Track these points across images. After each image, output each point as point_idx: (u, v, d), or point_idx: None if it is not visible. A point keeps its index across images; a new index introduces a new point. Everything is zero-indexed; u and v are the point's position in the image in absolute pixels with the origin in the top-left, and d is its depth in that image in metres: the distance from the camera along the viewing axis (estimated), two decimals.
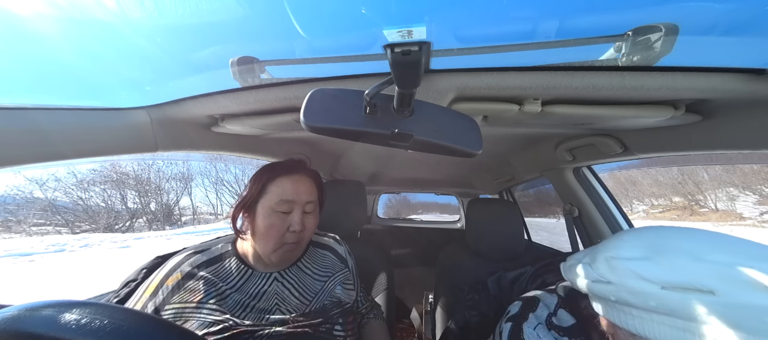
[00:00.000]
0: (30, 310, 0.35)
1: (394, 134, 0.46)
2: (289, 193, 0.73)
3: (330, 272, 0.84)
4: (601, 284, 0.50)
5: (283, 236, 0.72)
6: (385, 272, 1.20)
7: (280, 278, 0.77)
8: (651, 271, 0.45)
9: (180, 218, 13.53)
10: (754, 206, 12.55)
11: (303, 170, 0.80)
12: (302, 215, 0.75)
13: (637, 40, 0.51)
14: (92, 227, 10.82)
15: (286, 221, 0.72)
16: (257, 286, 0.73)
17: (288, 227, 0.72)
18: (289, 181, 0.75)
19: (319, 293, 0.79)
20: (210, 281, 0.70)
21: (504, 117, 0.79)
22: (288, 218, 0.73)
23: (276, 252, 0.73)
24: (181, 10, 0.50)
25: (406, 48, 0.35)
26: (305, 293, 0.77)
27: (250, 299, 0.71)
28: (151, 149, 0.83)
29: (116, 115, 0.74)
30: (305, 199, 0.75)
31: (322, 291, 0.80)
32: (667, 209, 14.98)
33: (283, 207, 0.72)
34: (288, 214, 0.73)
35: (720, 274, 0.40)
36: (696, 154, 0.85)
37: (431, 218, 4.40)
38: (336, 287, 0.82)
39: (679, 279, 0.42)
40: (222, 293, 0.69)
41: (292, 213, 0.73)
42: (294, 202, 0.73)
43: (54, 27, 0.53)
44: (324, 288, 0.80)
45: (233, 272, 0.74)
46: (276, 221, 0.72)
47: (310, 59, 0.62)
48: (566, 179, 1.33)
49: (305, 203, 0.75)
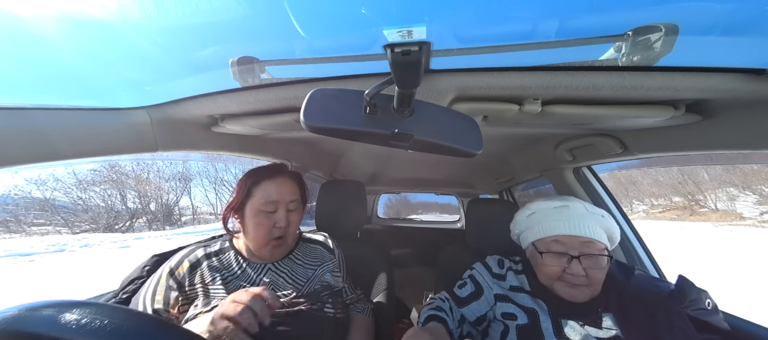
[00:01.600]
0: (30, 310, 0.35)
1: (394, 134, 0.46)
2: (273, 194, 0.81)
3: (320, 261, 0.93)
4: (514, 231, 0.99)
5: (270, 232, 0.81)
6: (385, 272, 1.20)
7: (273, 268, 0.85)
8: (520, 216, 0.95)
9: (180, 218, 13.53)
10: (754, 206, 12.55)
11: (284, 172, 0.88)
12: (286, 212, 0.83)
13: (637, 40, 0.51)
14: (92, 227, 10.82)
15: (272, 219, 0.81)
16: (253, 275, 0.82)
17: (274, 224, 0.81)
18: (273, 184, 0.83)
19: (310, 279, 0.87)
20: (215, 268, 0.80)
21: (504, 117, 0.79)
22: (274, 216, 0.82)
23: (266, 247, 0.82)
24: (181, 10, 0.50)
25: (406, 48, 0.35)
26: (297, 280, 0.86)
27: (249, 286, 0.79)
28: (151, 149, 0.83)
29: (116, 115, 0.74)
30: (288, 198, 0.84)
31: (312, 277, 0.88)
32: (667, 208, 14.99)
33: (268, 207, 0.81)
34: (273, 213, 0.82)
35: (536, 204, 0.91)
36: (696, 154, 0.85)
37: (431, 218, 4.41)
38: (325, 274, 0.91)
39: (523, 212, 0.94)
40: (225, 279, 0.79)
41: (277, 212, 0.82)
42: (278, 202, 0.82)
43: (54, 27, 0.53)
44: (315, 275, 0.89)
45: (233, 263, 0.83)
46: (263, 220, 0.80)
47: (310, 59, 0.62)
48: (566, 179, 1.33)
49: (288, 202, 0.84)
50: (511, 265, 0.95)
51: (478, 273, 0.95)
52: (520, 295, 0.85)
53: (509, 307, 0.84)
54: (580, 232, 0.79)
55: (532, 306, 0.81)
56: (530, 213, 0.90)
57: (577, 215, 0.81)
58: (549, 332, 0.76)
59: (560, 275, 0.79)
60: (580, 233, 0.79)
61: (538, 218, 0.87)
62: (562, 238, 0.80)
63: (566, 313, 0.79)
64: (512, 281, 0.90)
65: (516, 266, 0.95)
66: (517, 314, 0.82)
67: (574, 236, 0.79)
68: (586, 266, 0.76)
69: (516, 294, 0.86)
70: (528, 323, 0.79)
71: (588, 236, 0.78)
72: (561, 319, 0.78)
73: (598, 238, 0.79)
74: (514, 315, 0.82)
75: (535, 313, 0.80)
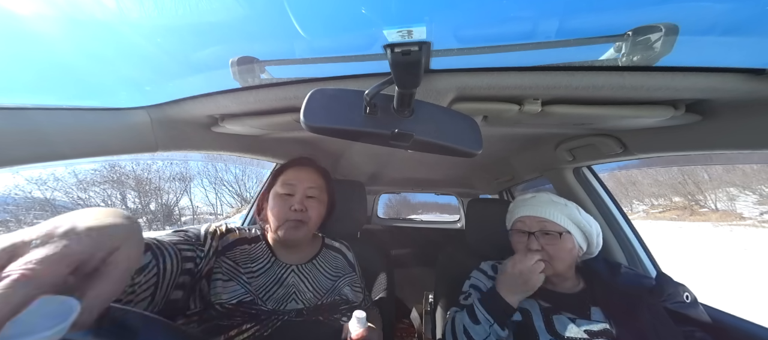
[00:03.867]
0: None
1: (394, 134, 0.46)
2: (291, 178, 0.87)
3: (340, 272, 0.94)
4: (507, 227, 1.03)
5: (286, 213, 0.83)
6: (385, 272, 1.20)
7: (297, 271, 0.85)
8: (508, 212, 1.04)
9: (180, 218, 13.53)
10: (754, 206, 12.55)
11: (307, 162, 0.94)
12: (304, 198, 0.86)
13: (637, 40, 0.51)
14: None
15: (288, 202, 0.84)
16: (278, 274, 0.82)
17: (290, 207, 0.83)
18: (293, 170, 0.90)
19: (329, 290, 0.87)
20: (247, 257, 0.81)
21: (504, 117, 0.79)
22: (290, 199, 0.85)
23: (281, 228, 0.83)
24: (181, 10, 0.50)
25: (406, 48, 0.36)
26: (318, 289, 0.85)
27: (272, 284, 0.79)
28: (151, 149, 0.83)
29: (116, 115, 0.74)
30: (307, 184, 0.87)
31: (332, 289, 0.88)
32: (667, 209, 14.99)
33: (285, 189, 0.86)
34: (291, 196, 0.85)
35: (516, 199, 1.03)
36: (696, 154, 0.86)
37: (431, 218, 4.40)
38: (344, 287, 0.91)
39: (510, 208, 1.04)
40: (253, 271, 0.79)
41: (294, 195, 0.86)
42: (295, 185, 0.86)
43: (54, 27, 0.53)
44: (334, 287, 0.88)
45: (262, 256, 0.84)
46: (279, 202, 0.85)
47: (310, 59, 0.62)
48: (566, 179, 1.33)
49: (307, 187, 0.87)
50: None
51: (477, 280, 1.01)
52: None
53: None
54: (537, 213, 0.92)
55: (525, 306, 0.87)
56: (512, 206, 1.04)
57: (540, 202, 0.94)
58: (542, 330, 0.82)
59: (526, 254, 0.88)
60: (537, 213, 0.92)
61: (512, 208, 1.03)
62: (524, 218, 0.95)
63: (557, 309, 0.85)
64: None
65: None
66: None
67: (532, 216, 0.93)
68: (544, 242, 0.88)
69: None
70: (522, 321, 0.85)
71: (544, 216, 0.91)
72: (553, 315, 0.83)
73: (555, 219, 0.90)
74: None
75: (528, 312, 0.86)
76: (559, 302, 0.86)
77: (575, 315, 0.82)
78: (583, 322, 0.80)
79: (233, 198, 15.07)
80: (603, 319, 0.80)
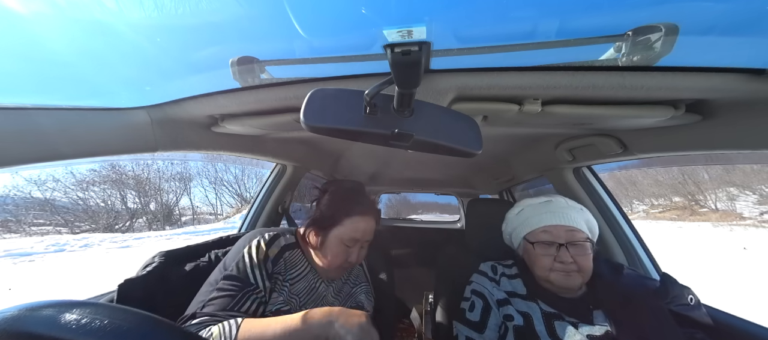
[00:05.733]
0: (30, 310, 0.35)
1: (394, 134, 0.46)
2: (359, 233, 0.83)
3: (358, 281, 0.98)
4: (507, 230, 1.03)
5: (342, 263, 0.83)
6: (385, 272, 1.20)
7: (327, 282, 0.90)
8: (510, 214, 1.01)
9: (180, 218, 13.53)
10: (754, 206, 12.55)
11: (373, 211, 0.89)
12: (360, 248, 0.86)
13: (637, 40, 0.51)
14: (92, 227, 10.81)
15: (348, 253, 0.83)
16: (313, 282, 0.86)
17: (348, 258, 0.83)
18: (363, 221, 0.83)
19: (347, 296, 0.93)
20: (289, 263, 0.83)
21: (504, 117, 0.79)
22: (351, 251, 0.83)
23: (331, 268, 0.84)
24: (181, 10, 0.50)
25: (406, 48, 0.36)
26: (339, 295, 0.91)
27: (306, 293, 0.84)
28: (151, 149, 0.83)
29: (116, 115, 0.74)
30: (368, 238, 0.86)
31: (349, 295, 0.93)
32: (667, 208, 14.98)
33: (351, 243, 0.83)
34: (352, 248, 0.84)
35: (523, 202, 0.98)
36: (696, 154, 0.86)
37: (431, 218, 4.40)
38: (360, 294, 0.96)
39: (513, 211, 1.00)
40: (293, 277, 0.83)
41: (355, 247, 0.84)
42: (360, 241, 0.84)
43: (54, 27, 0.53)
44: (351, 292, 0.94)
45: (299, 262, 0.86)
46: (341, 251, 0.82)
47: (310, 59, 0.62)
48: (566, 179, 1.33)
49: (366, 241, 0.87)
50: (505, 270, 0.98)
51: (478, 284, 0.98)
52: (514, 299, 0.90)
53: (508, 309, 0.88)
54: (564, 221, 0.87)
55: (526, 310, 0.86)
56: (519, 210, 0.97)
57: (560, 207, 0.90)
58: (543, 334, 0.81)
59: (552, 265, 0.84)
60: (564, 222, 0.87)
61: (527, 214, 0.94)
62: (550, 228, 0.88)
63: (558, 313, 0.83)
64: (506, 286, 0.94)
65: (509, 270, 0.97)
66: (514, 316, 0.86)
67: (559, 225, 0.87)
68: (574, 253, 0.83)
69: (511, 298, 0.91)
70: (523, 324, 0.84)
71: (571, 224, 0.86)
72: (554, 320, 0.82)
73: (579, 226, 0.87)
74: (511, 316, 0.86)
75: (529, 316, 0.85)
76: (560, 306, 0.84)
77: (577, 319, 0.80)
78: (584, 326, 0.78)
79: (233, 198, 15.08)
80: (605, 322, 0.79)
